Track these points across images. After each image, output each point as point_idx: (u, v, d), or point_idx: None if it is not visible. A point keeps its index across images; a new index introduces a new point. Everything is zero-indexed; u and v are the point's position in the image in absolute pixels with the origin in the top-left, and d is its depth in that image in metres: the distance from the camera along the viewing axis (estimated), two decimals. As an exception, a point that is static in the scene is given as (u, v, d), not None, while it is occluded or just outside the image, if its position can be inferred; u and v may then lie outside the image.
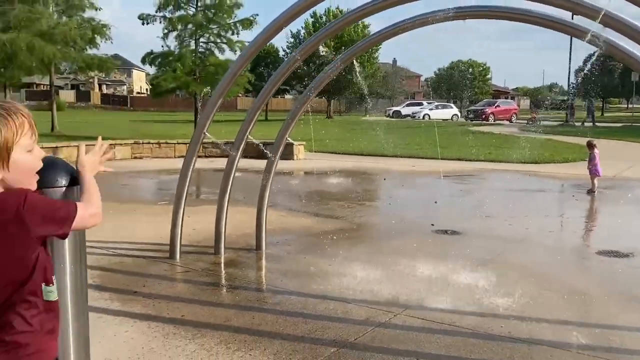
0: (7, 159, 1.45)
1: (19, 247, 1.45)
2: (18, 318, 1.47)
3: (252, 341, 3.56)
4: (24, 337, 1.48)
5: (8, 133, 1.45)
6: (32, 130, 1.51)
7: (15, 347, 1.46)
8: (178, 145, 16.53)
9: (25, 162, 1.49)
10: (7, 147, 1.45)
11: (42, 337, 1.52)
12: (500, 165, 14.39)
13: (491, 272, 5.14)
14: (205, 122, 5.31)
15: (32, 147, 1.51)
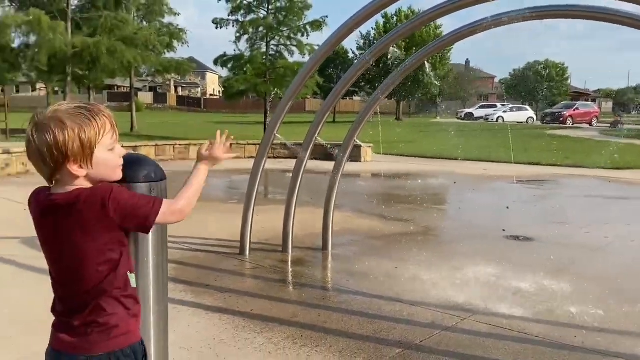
0: (90, 157, 1.58)
1: (108, 237, 1.60)
2: (110, 301, 1.62)
3: (318, 338, 3.63)
4: (114, 318, 1.62)
5: (91, 133, 1.57)
6: (113, 130, 1.64)
7: (107, 328, 1.61)
8: (248, 146, 16.98)
9: (107, 160, 1.63)
10: (91, 146, 1.58)
11: (129, 319, 1.66)
12: (578, 170, 13.77)
13: (565, 281, 4.95)
14: (275, 124, 5.44)
15: (113, 146, 1.64)
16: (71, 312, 1.62)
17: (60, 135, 1.53)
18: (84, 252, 1.58)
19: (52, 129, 1.54)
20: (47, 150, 1.54)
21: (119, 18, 21.88)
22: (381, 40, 5.22)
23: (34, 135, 1.56)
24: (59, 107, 1.59)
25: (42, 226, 1.63)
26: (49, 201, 1.60)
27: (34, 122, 1.57)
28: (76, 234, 1.57)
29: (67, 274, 1.62)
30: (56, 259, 1.63)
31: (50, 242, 1.62)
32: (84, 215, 1.56)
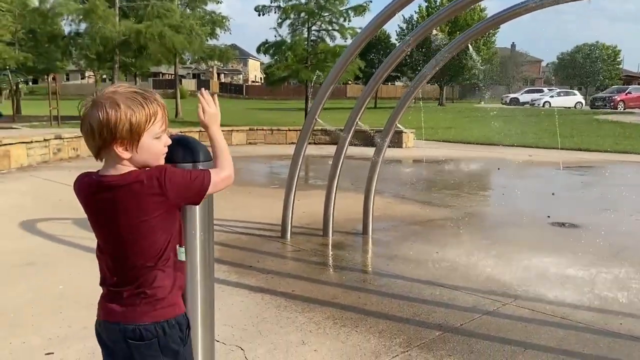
0: (137, 141, 1.64)
1: (162, 214, 1.67)
2: (159, 274, 1.70)
3: (357, 319, 3.69)
4: (162, 290, 1.70)
5: (142, 119, 1.62)
6: (163, 120, 1.70)
7: (154, 299, 1.69)
8: (289, 132, 17.11)
9: (152, 147, 1.67)
10: (139, 131, 1.63)
11: (175, 291, 1.75)
12: (628, 156, 13.29)
13: (611, 268, 4.83)
14: (316, 109, 5.48)
15: (160, 134, 1.69)
16: (121, 284, 1.70)
17: (113, 116, 1.59)
18: (138, 229, 1.66)
19: (107, 108, 1.59)
20: (97, 128, 1.60)
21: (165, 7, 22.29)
22: (423, 23, 5.17)
23: (89, 111, 1.62)
24: (117, 89, 1.65)
25: (93, 205, 1.69)
26: (102, 181, 1.66)
27: (92, 99, 1.64)
28: (132, 211, 1.64)
29: (120, 249, 1.69)
30: (109, 235, 1.70)
31: (103, 220, 1.69)
32: (141, 194, 1.63)
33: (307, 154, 5.98)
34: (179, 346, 1.74)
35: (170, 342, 1.71)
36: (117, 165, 1.66)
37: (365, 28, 5.11)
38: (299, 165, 5.79)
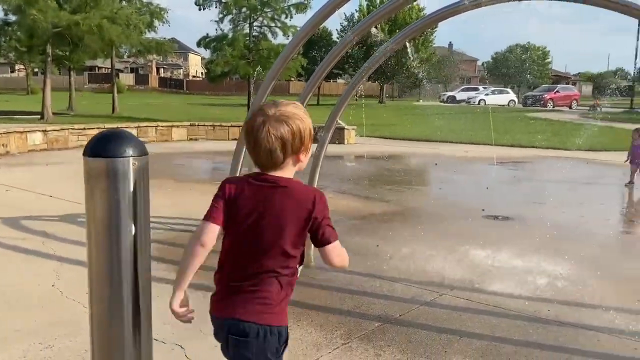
0: (309, 147, 1.86)
1: (301, 229, 1.79)
2: (282, 282, 1.83)
3: (299, 313, 3.71)
4: (278, 298, 1.83)
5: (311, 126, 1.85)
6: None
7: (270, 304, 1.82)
8: (232, 128, 16.91)
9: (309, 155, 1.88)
10: (310, 137, 1.84)
11: (285, 303, 1.87)
12: (557, 152, 14.00)
13: (541, 258, 5.09)
14: (258, 104, 5.45)
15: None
16: (247, 283, 1.84)
17: (303, 128, 1.80)
18: (284, 236, 1.78)
19: (295, 121, 1.78)
20: (292, 138, 1.77)
21: (99, -5, 21.43)
22: (364, 20, 5.23)
23: (269, 126, 1.76)
24: (289, 105, 1.84)
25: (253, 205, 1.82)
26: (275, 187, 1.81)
27: (268, 115, 1.77)
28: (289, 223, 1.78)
29: (260, 249, 1.81)
30: (256, 233, 1.81)
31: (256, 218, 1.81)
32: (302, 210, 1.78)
33: (248, 150, 5.93)
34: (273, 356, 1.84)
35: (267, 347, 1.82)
36: (288, 170, 1.84)
37: (305, 25, 5.12)
38: (241, 162, 5.73)
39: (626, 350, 3.26)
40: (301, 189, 1.85)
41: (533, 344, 3.33)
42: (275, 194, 1.81)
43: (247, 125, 1.83)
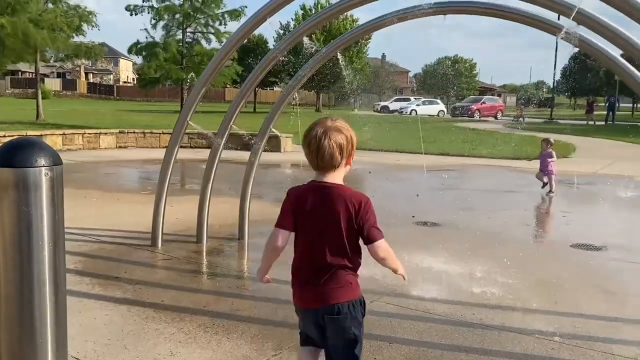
0: (353, 156, 2.30)
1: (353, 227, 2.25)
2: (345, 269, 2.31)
3: (230, 325, 3.64)
4: (351, 278, 2.34)
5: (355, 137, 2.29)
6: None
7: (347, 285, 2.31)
8: (163, 135, 16.51)
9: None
10: (354, 147, 2.31)
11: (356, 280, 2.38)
12: (483, 160, 14.58)
13: (467, 263, 5.26)
14: (188, 111, 5.35)
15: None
16: (324, 274, 2.26)
17: (352, 137, 2.31)
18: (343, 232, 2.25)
19: (348, 131, 2.29)
20: (346, 144, 2.26)
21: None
22: (295, 30, 5.26)
23: (329, 136, 2.23)
24: (339, 120, 2.34)
25: (316, 208, 2.27)
26: (333, 192, 2.27)
27: (327, 126, 2.26)
28: (344, 221, 2.23)
29: (328, 245, 2.26)
30: (321, 237, 2.26)
31: (318, 221, 2.26)
32: (352, 211, 2.23)
33: (183, 158, 5.83)
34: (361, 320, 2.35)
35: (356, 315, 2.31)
36: (339, 175, 2.31)
37: (237, 31, 5.09)
38: (170, 170, 5.60)
39: (545, 350, 3.41)
40: (352, 193, 2.28)
41: (459, 347, 3.42)
42: (334, 197, 2.25)
43: (309, 136, 2.26)
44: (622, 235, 6.60)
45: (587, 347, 3.46)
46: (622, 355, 3.35)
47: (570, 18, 3.60)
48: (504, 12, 4.33)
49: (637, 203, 8.96)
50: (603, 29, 3.53)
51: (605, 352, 3.40)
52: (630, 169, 12.38)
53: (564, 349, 3.42)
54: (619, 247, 6.03)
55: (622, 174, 11.22)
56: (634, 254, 5.82)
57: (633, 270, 5.26)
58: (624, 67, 4.02)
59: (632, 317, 4.01)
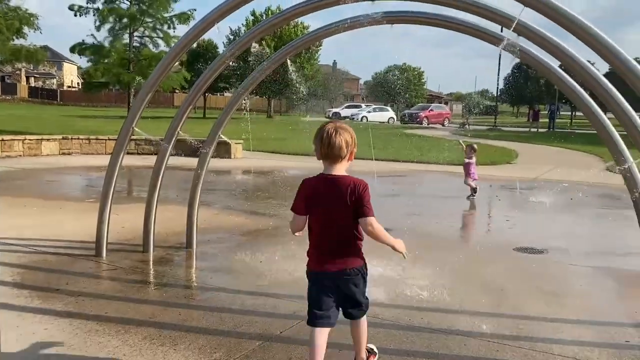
0: (354, 154, 2.86)
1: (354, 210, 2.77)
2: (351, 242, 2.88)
3: (177, 337, 3.56)
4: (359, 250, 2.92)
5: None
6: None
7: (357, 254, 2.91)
8: (109, 142, 16.03)
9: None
10: (356, 146, 2.85)
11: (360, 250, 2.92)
12: (431, 166, 14.89)
13: (416, 268, 5.34)
14: (134, 116, 5.22)
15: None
16: (336, 247, 2.85)
17: (354, 136, 2.84)
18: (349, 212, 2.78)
19: (351, 131, 2.82)
20: (352, 141, 2.82)
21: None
22: (244, 35, 5.22)
23: (339, 134, 2.78)
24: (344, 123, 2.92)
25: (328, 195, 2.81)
26: (339, 181, 2.80)
27: (336, 126, 2.83)
28: (350, 203, 2.75)
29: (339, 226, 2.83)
30: (334, 218, 2.81)
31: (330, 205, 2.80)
32: (355, 194, 2.75)
33: (130, 165, 5.68)
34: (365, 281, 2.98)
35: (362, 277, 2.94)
36: (342, 169, 2.84)
37: (185, 35, 5.01)
38: (115, 177, 5.44)
39: (490, 352, 3.50)
40: (354, 181, 2.79)
41: (407, 352, 3.47)
42: (340, 185, 2.78)
43: (322, 132, 2.83)
44: (561, 238, 6.88)
45: (529, 347, 3.57)
46: (562, 355, 3.48)
47: (510, 29, 3.74)
48: (449, 22, 4.45)
49: (575, 207, 9.37)
50: (542, 40, 3.68)
51: (546, 352, 3.52)
52: (570, 174, 12.94)
53: (507, 350, 3.52)
54: (559, 250, 6.27)
55: (562, 179, 11.71)
56: (573, 256, 6.07)
57: (572, 272, 5.48)
58: (562, 77, 4.20)
59: (571, 317, 4.17)
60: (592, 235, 7.45)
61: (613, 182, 10.51)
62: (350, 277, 2.88)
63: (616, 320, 4.12)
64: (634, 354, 3.57)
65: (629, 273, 5.41)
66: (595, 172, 12.40)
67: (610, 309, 4.43)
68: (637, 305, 4.22)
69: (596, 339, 3.76)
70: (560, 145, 21.85)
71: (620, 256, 6.18)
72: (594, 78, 3.69)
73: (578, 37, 3.43)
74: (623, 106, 3.62)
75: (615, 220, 8.43)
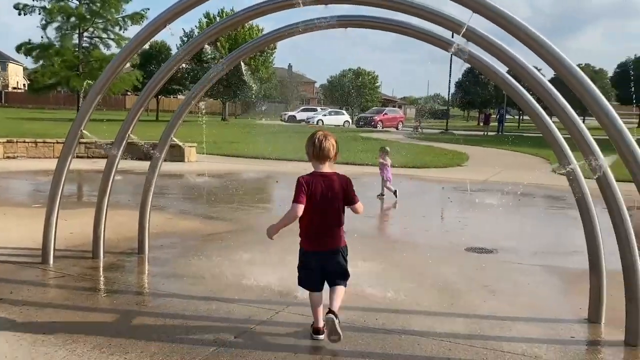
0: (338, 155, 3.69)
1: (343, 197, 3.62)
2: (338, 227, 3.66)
3: (128, 345, 3.47)
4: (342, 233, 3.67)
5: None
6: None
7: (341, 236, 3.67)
8: (57, 145, 15.49)
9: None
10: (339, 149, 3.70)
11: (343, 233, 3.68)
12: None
13: (370, 269, 5.40)
14: (82, 119, 5.06)
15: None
16: (327, 231, 3.60)
17: (337, 142, 3.68)
18: (339, 205, 3.61)
19: (335, 138, 3.68)
20: (336, 145, 3.64)
21: None
22: (196, 37, 5.15)
23: (327, 139, 3.63)
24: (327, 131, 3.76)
25: (323, 189, 3.56)
26: (331, 177, 3.61)
27: (325, 134, 3.69)
28: (340, 195, 3.58)
29: (331, 214, 3.59)
30: (327, 207, 3.57)
31: (325, 197, 3.55)
32: (344, 187, 3.60)
33: (79, 169, 5.51)
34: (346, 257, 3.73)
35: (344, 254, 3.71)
36: (330, 168, 3.63)
37: (135, 36, 4.90)
38: (63, 181, 5.26)
39: (442, 352, 3.57)
40: (341, 176, 3.66)
41: (362, 353, 3.49)
42: (332, 181, 3.60)
43: (314, 138, 3.65)
44: (510, 238, 7.09)
45: (480, 345, 3.66)
46: (512, 352, 3.58)
47: (460, 35, 3.83)
48: (402, 27, 4.51)
49: (523, 208, 9.68)
50: (490, 46, 3.79)
51: (497, 349, 3.61)
52: (517, 176, 13.35)
53: (459, 349, 3.60)
54: (509, 250, 6.46)
55: (510, 181, 12.07)
56: (521, 255, 6.26)
57: (521, 271, 5.66)
58: (509, 82, 4.33)
59: (520, 315, 4.30)
60: (539, 234, 7.71)
61: (558, 184, 10.91)
62: (340, 253, 3.63)
63: (562, 317, 4.27)
64: (578, 349, 3.71)
65: (573, 271, 5.62)
66: (541, 173, 12.84)
67: (556, 306, 4.59)
68: (581, 301, 4.38)
69: (543, 336, 3.89)
70: (509, 148, 22.54)
71: (566, 255, 6.42)
72: (540, 83, 3.82)
73: (524, 43, 3.55)
74: (567, 110, 3.76)
75: (560, 220, 8.77)
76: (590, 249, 4.11)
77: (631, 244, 3.61)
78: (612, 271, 4.10)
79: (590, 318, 4.17)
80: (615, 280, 3.89)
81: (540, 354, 3.58)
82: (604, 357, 3.62)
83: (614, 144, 3.39)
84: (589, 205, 4.09)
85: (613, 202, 3.64)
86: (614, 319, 4.00)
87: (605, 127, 3.41)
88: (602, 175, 3.60)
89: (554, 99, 3.78)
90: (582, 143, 3.68)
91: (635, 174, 3.35)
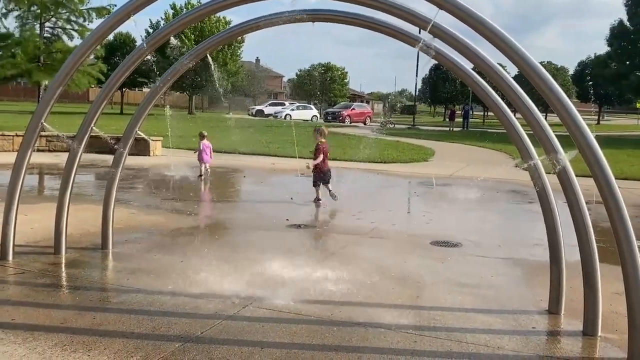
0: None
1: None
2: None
3: (91, 342, 3.40)
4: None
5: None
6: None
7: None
8: (17, 138, 15.00)
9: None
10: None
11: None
12: (353, 164, 15.14)
13: (337, 263, 5.42)
14: (42, 111, 4.92)
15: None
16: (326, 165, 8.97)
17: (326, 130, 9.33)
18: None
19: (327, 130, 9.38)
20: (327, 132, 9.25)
21: None
22: (161, 28, 5.06)
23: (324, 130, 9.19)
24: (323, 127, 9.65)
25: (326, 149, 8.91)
26: (326, 144, 8.96)
27: (321, 129, 9.21)
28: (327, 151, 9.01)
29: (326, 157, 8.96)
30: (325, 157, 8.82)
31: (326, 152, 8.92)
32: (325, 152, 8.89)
33: (41, 163, 5.36)
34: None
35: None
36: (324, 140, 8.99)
37: (98, 27, 4.79)
38: (23, 175, 5.11)
39: (408, 344, 3.62)
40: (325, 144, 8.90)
41: (329, 346, 3.51)
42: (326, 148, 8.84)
43: (320, 129, 9.07)
44: (475, 232, 7.22)
45: (445, 337, 3.72)
46: (475, 343, 3.66)
47: (426, 31, 3.87)
48: (369, 23, 4.52)
49: (487, 202, 9.87)
50: (455, 42, 3.84)
51: (461, 341, 3.68)
52: (482, 171, 13.61)
53: (425, 341, 3.65)
54: (472, 243, 6.59)
55: (474, 176, 12.30)
56: (485, 249, 6.39)
57: (484, 264, 5.77)
58: (474, 78, 4.40)
59: (483, 307, 4.39)
60: (502, 228, 7.88)
61: (521, 178, 11.16)
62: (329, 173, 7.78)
63: (524, 309, 4.38)
64: (539, 339, 3.82)
65: (535, 263, 5.76)
66: (505, 168, 13.11)
67: (518, 298, 4.70)
68: (542, 293, 4.50)
69: (506, 327, 3.98)
70: (474, 143, 22.93)
71: (528, 247, 6.58)
72: (504, 80, 3.89)
73: (489, 40, 3.61)
74: (530, 107, 3.85)
75: (522, 213, 8.98)
76: (550, 242, 4.22)
77: (589, 237, 3.73)
78: (572, 263, 4.23)
79: (550, 309, 4.30)
80: (575, 271, 4.01)
81: (502, 344, 3.66)
82: (563, 346, 3.73)
83: (574, 140, 3.49)
84: (550, 199, 4.21)
85: (573, 196, 3.75)
86: (573, 310, 4.13)
87: (566, 124, 3.50)
88: (563, 170, 3.70)
89: (517, 96, 3.86)
90: (544, 139, 3.77)
91: (593, 168, 3.46)
